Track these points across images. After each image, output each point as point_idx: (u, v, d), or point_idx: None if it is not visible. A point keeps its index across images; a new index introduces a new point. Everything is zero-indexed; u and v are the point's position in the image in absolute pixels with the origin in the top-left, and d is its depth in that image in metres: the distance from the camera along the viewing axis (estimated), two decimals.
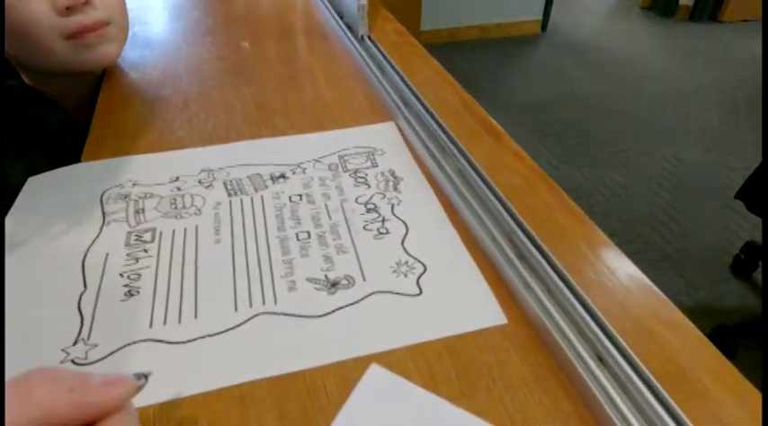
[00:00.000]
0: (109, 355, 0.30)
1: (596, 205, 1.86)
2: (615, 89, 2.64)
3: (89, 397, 0.19)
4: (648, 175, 2.01)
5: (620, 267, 0.37)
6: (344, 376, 0.30)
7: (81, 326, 0.32)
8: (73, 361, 0.30)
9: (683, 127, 2.33)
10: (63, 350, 0.31)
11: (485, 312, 0.33)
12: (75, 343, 0.31)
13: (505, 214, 0.39)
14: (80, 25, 0.52)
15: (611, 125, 2.34)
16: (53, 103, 0.60)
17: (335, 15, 0.77)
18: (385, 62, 0.63)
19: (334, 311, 0.33)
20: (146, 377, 0.22)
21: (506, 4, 3.18)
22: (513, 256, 0.36)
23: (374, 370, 0.30)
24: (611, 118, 2.40)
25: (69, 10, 0.51)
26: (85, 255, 0.37)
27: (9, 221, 0.41)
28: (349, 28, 0.73)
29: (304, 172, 0.46)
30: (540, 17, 3.29)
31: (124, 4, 0.59)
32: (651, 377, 0.28)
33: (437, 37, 3.10)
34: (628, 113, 2.43)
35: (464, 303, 0.34)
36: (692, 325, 0.33)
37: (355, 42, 0.69)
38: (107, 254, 0.37)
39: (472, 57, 2.99)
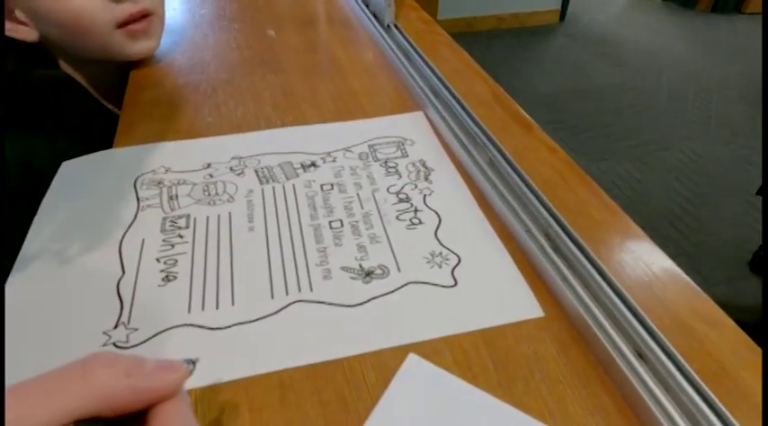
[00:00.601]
0: (149, 339, 0.31)
1: (613, 199, 1.84)
2: (634, 82, 2.60)
3: (145, 382, 0.20)
4: (666, 169, 1.99)
5: (656, 261, 0.36)
6: (382, 364, 0.30)
7: (121, 310, 0.32)
8: (114, 344, 0.31)
9: (703, 120, 2.29)
10: (104, 333, 0.31)
11: (521, 304, 0.33)
12: (116, 327, 0.31)
13: (540, 206, 0.39)
14: (128, 13, 0.54)
15: (629, 118, 2.31)
16: (84, 90, 0.61)
17: (360, 3, 0.76)
18: (412, 51, 0.63)
19: (369, 300, 0.33)
20: (194, 363, 0.22)
21: None
22: (549, 249, 0.35)
23: (412, 360, 0.30)
24: (629, 111, 2.36)
25: None
26: (122, 240, 0.38)
27: (45, 204, 0.41)
28: (375, 16, 0.72)
29: (334, 160, 0.46)
30: (559, 7, 3.24)
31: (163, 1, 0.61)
32: (693, 372, 0.27)
33: (454, 26, 3.06)
34: (646, 106, 2.40)
35: (500, 295, 0.34)
36: (730, 321, 0.32)
37: (381, 31, 0.68)
38: (143, 240, 0.38)
39: (489, 47, 2.95)
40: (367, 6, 0.75)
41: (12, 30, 0.52)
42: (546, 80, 2.64)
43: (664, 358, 0.28)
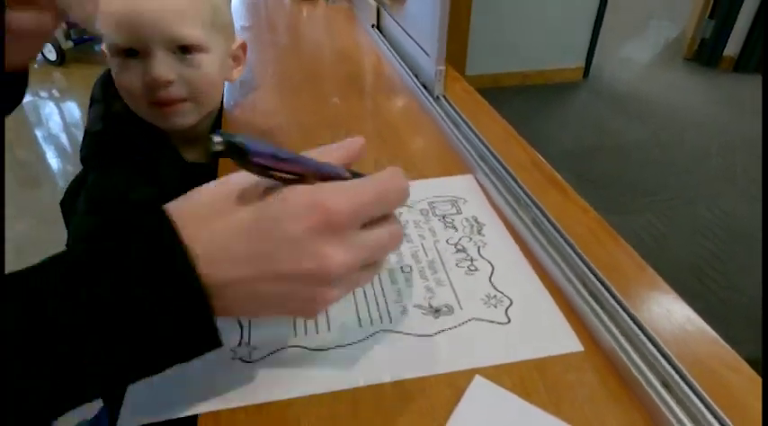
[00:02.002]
0: (267, 356, 0.39)
1: (638, 251, 1.88)
2: (657, 138, 2.68)
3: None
4: (692, 225, 2.03)
5: (680, 310, 0.43)
6: (453, 384, 0.37)
7: (242, 332, 0.41)
8: (240, 359, 0.39)
9: (728, 177, 2.34)
10: (231, 349, 0.39)
11: (564, 340, 0.40)
12: (239, 345, 0.40)
13: (578, 259, 0.46)
14: (159, 99, 0.60)
15: (653, 174, 2.37)
16: (165, 138, 0.67)
17: (411, 75, 0.87)
18: (459, 119, 0.72)
19: (440, 332, 0.41)
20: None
21: (549, 51, 3.29)
22: (586, 295, 0.43)
23: (479, 381, 0.37)
24: (653, 167, 2.43)
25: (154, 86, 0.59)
26: None
27: None
28: (425, 86, 0.83)
29: (400, 215, 0.55)
30: (583, 64, 3.38)
31: (209, 83, 0.63)
32: (710, 400, 0.34)
33: (481, 82, 3.22)
34: (670, 163, 2.46)
35: (546, 332, 0.41)
36: (747, 367, 0.38)
37: (431, 100, 0.78)
38: None
39: (515, 102, 3.09)
40: (417, 77, 0.86)
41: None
42: (570, 135, 2.74)
43: (686, 388, 0.35)
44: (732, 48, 3.41)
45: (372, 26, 1.11)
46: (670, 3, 4.83)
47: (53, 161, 2.49)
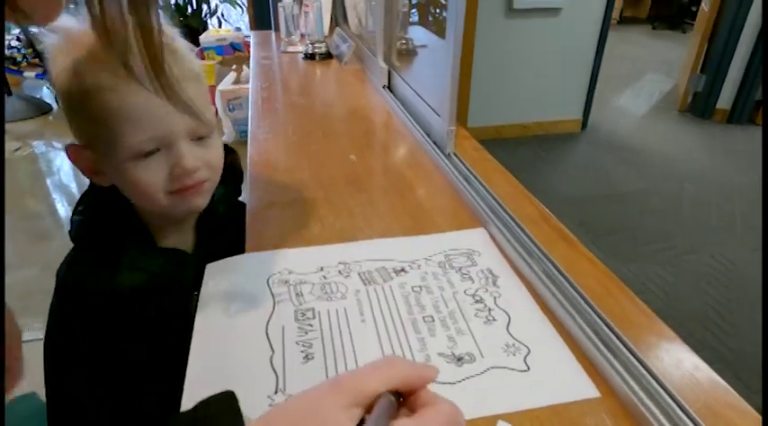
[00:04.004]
0: None
1: (645, 301, 1.89)
2: (656, 187, 2.74)
3: (421, 369, 0.32)
4: (697, 273, 2.05)
5: (687, 359, 0.46)
6: None
7: (277, 380, 0.43)
8: None
9: (728, 226, 2.37)
10: (268, 396, 0.42)
11: (580, 387, 0.43)
12: (276, 392, 0.42)
13: (589, 310, 0.49)
14: (185, 186, 0.55)
15: (654, 223, 2.41)
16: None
17: (423, 133, 0.93)
18: (471, 175, 0.77)
19: (463, 379, 0.43)
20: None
21: (547, 104, 3.41)
22: (599, 344, 0.46)
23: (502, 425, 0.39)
24: (653, 216, 2.47)
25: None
26: (267, 326, 0.49)
27: (203, 296, 0.54)
28: (436, 144, 0.88)
29: (419, 267, 0.58)
30: (580, 117, 3.50)
31: (220, 158, 0.60)
32: None
33: (482, 133, 3.33)
34: (671, 212, 2.51)
35: (563, 379, 0.43)
36: (752, 411, 0.41)
37: (443, 157, 0.84)
38: (283, 326, 0.49)
39: (515, 152, 3.18)
40: (428, 135, 0.92)
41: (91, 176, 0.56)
42: (570, 184, 2.80)
43: None
44: (725, 100, 3.54)
45: (384, 87, 1.19)
46: (663, 57, 5.05)
47: (62, 209, 2.55)
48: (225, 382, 0.43)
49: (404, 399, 0.31)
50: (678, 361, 0.45)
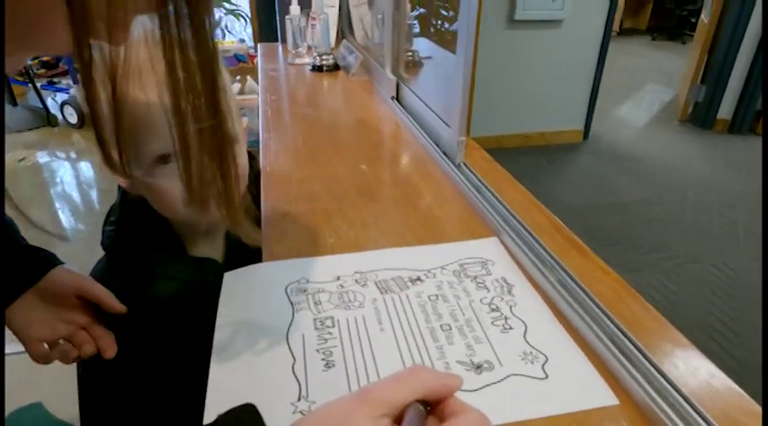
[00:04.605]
0: None
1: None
2: (658, 196, 2.75)
3: (446, 379, 0.32)
4: (700, 282, 2.05)
5: (702, 366, 0.46)
6: None
7: (299, 388, 0.44)
8: (301, 413, 0.42)
9: (731, 235, 2.38)
10: (291, 404, 0.43)
11: (599, 394, 0.43)
12: (299, 400, 0.43)
13: (604, 317, 0.50)
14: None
15: (656, 231, 2.42)
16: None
17: (433, 144, 0.94)
18: (481, 185, 0.78)
19: (483, 387, 0.44)
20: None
21: (549, 114, 3.44)
22: (616, 352, 0.46)
23: None
24: (656, 224, 2.48)
25: None
26: (287, 334, 0.50)
27: (222, 305, 0.54)
28: (446, 154, 0.89)
29: (434, 276, 0.59)
30: (582, 127, 3.52)
31: (245, 170, 0.61)
32: None
33: (484, 143, 3.29)
34: (673, 220, 2.52)
35: (582, 386, 0.44)
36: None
37: (453, 167, 0.85)
38: (303, 335, 0.50)
39: (517, 162, 3.19)
40: (438, 145, 0.93)
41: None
42: (572, 193, 2.81)
43: None
44: (725, 111, 3.56)
45: (392, 98, 1.21)
46: (663, 68, 5.09)
47: (65, 219, 2.56)
48: (248, 389, 0.44)
49: (431, 408, 0.32)
50: (694, 369, 0.46)
